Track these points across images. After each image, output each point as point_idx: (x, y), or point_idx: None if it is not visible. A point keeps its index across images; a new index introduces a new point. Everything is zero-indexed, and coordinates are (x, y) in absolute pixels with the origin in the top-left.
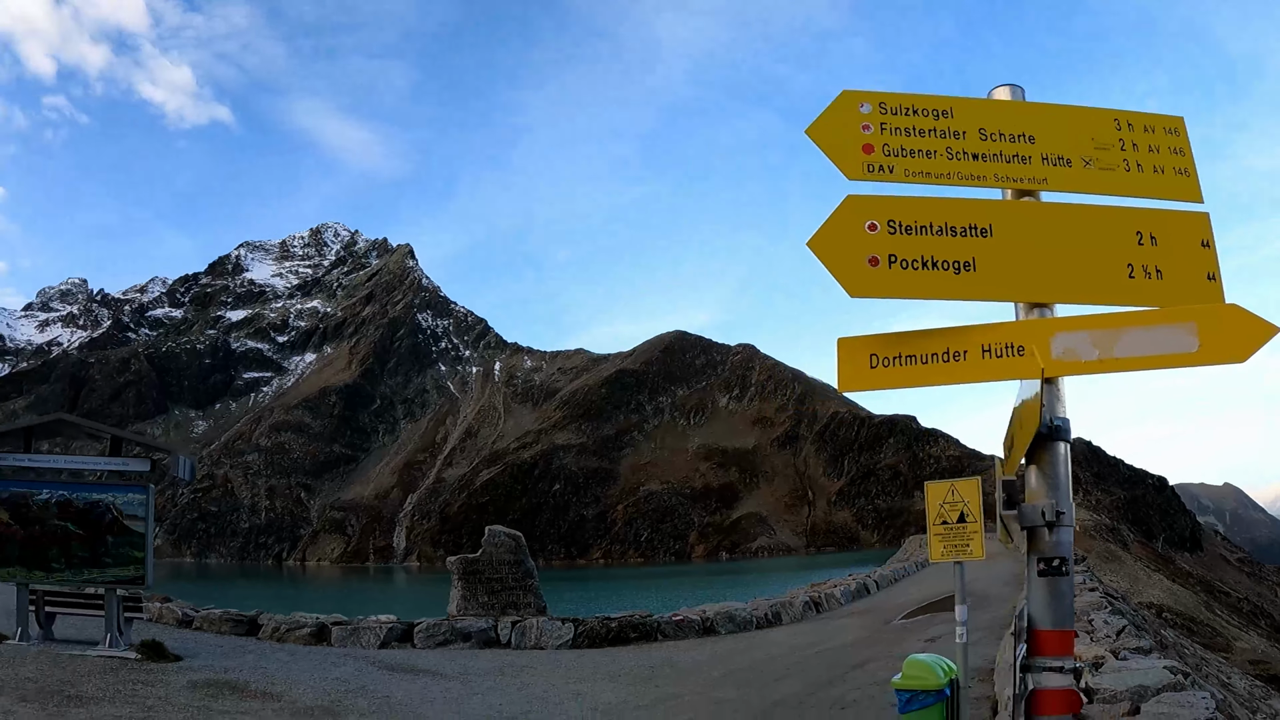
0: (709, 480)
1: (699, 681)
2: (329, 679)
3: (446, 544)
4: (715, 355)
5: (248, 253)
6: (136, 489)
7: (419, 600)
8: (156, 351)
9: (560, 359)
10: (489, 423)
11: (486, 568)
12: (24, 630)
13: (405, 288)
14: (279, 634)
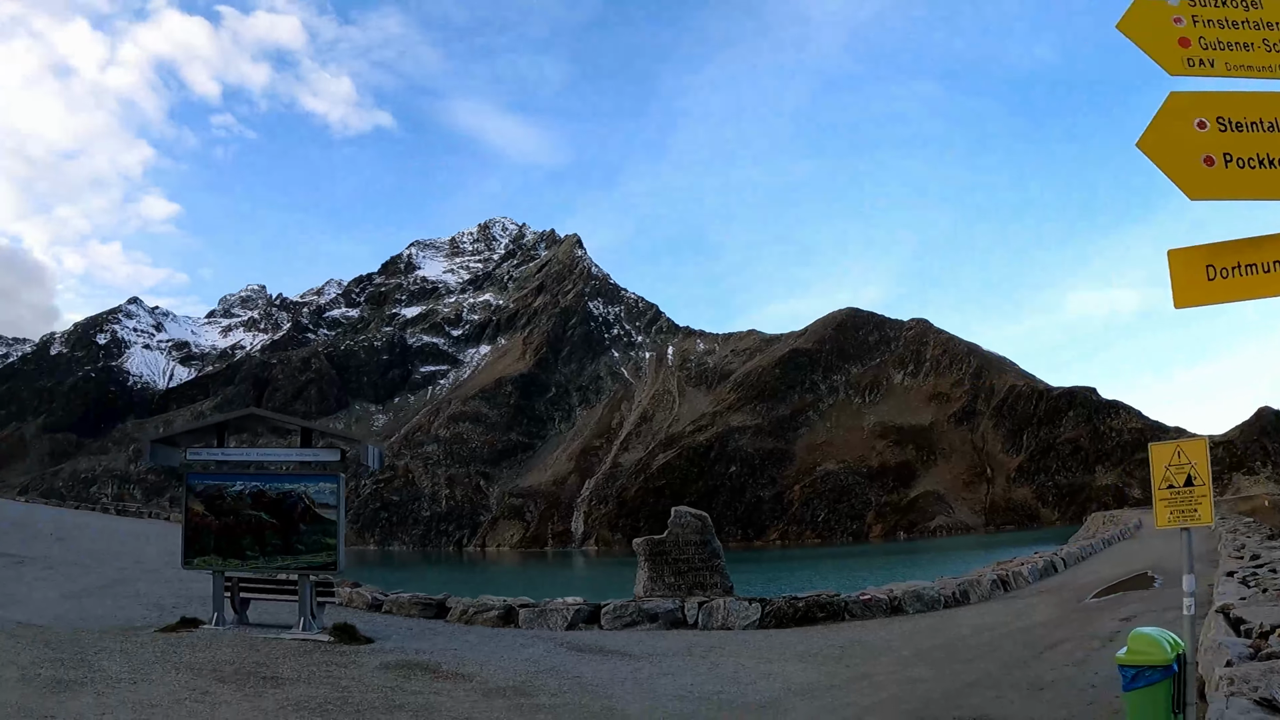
0: (885, 459)
1: (890, 661)
2: (519, 660)
3: (624, 528)
4: (888, 331)
5: (419, 251)
6: (327, 478)
7: (599, 583)
8: (335, 350)
9: (732, 340)
10: (664, 407)
11: (672, 548)
12: (219, 615)
13: (575, 277)
14: (466, 616)
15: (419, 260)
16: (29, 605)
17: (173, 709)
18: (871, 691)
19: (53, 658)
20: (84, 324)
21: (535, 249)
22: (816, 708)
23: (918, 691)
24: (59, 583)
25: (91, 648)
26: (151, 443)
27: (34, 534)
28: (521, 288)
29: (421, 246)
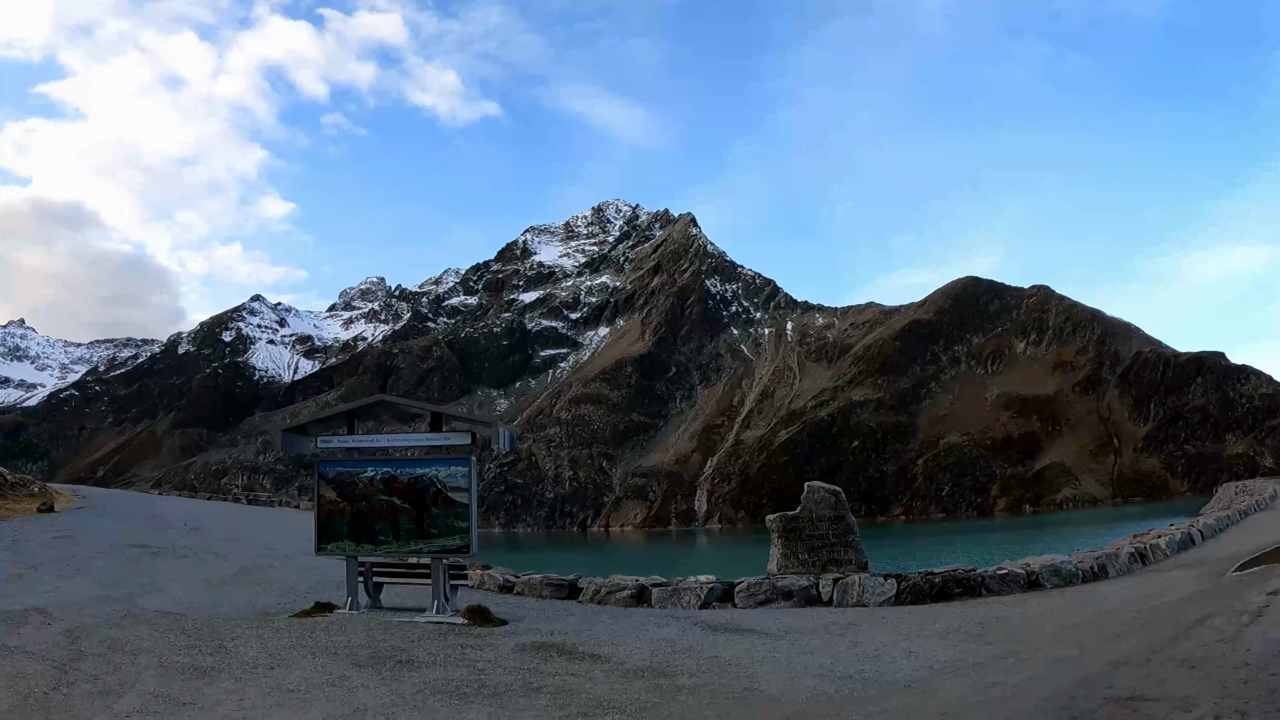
0: (1009, 430)
1: (1033, 638)
2: (654, 640)
3: (747, 505)
4: (1009, 299)
5: (534, 237)
6: (458, 461)
7: (725, 561)
8: (456, 338)
9: (851, 314)
10: (784, 383)
11: (806, 524)
12: (353, 600)
13: (691, 256)
14: (599, 597)
15: (535, 246)
16: (166, 594)
17: (309, 694)
18: (1018, 670)
19: (190, 645)
20: (209, 323)
21: (650, 229)
22: (963, 686)
23: (1065, 670)
24: (194, 571)
25: (228, 634)
26: (283, 432)
27: (168, 525)
28: (638, 268)
29: (536, 232)
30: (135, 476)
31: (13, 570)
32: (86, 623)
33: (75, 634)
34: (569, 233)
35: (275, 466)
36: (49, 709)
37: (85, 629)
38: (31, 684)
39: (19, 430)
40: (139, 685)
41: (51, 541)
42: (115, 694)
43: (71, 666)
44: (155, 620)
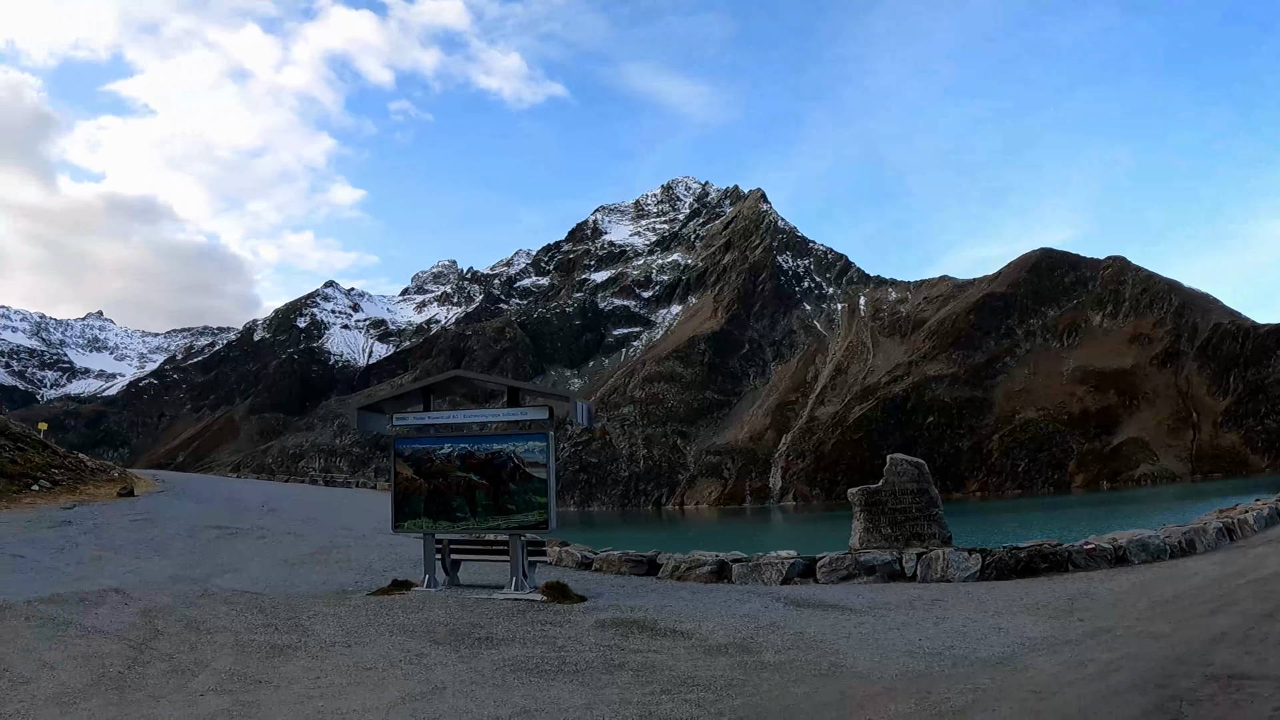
0: (1086, 405)
1: (1125, 614)
2: (736, 616)
3: (821, 482)
4: (1084, 271)
5: (604, 216)
6: (536, 436)
7: (801, 537)
8: (528, 318)
9: (925, 288)
10: (858, 358)
11: (889, 498)
12: (430, 577)
13: (762, 232)
14: (678, 573)
15: (605, 225)
16: (243, 574)
17: (387, 672)
18: (1111, 647)
19: (266, 623)
20: (284, 309)
21: (720, 206)
22: (1057, 664)
23: (1160, 647)
24: (271, 551)
25: (304, 612)
26: (358, 410)
27: (245, 507)
28: (709, 246)
29: (606, 211)
30: (214, 461)
31: (93, 552)
32: (163, 602)
33: (152, 613)
34: (639, 211)
35: (352, 449)
36: (124, 687)
37: (162, 608)
38: (107, 663)
39: (100, 419)
40: (215, 664)
41: (130, 524)
42: (190, 672)
43: (147, 645)
44: (232, 599)
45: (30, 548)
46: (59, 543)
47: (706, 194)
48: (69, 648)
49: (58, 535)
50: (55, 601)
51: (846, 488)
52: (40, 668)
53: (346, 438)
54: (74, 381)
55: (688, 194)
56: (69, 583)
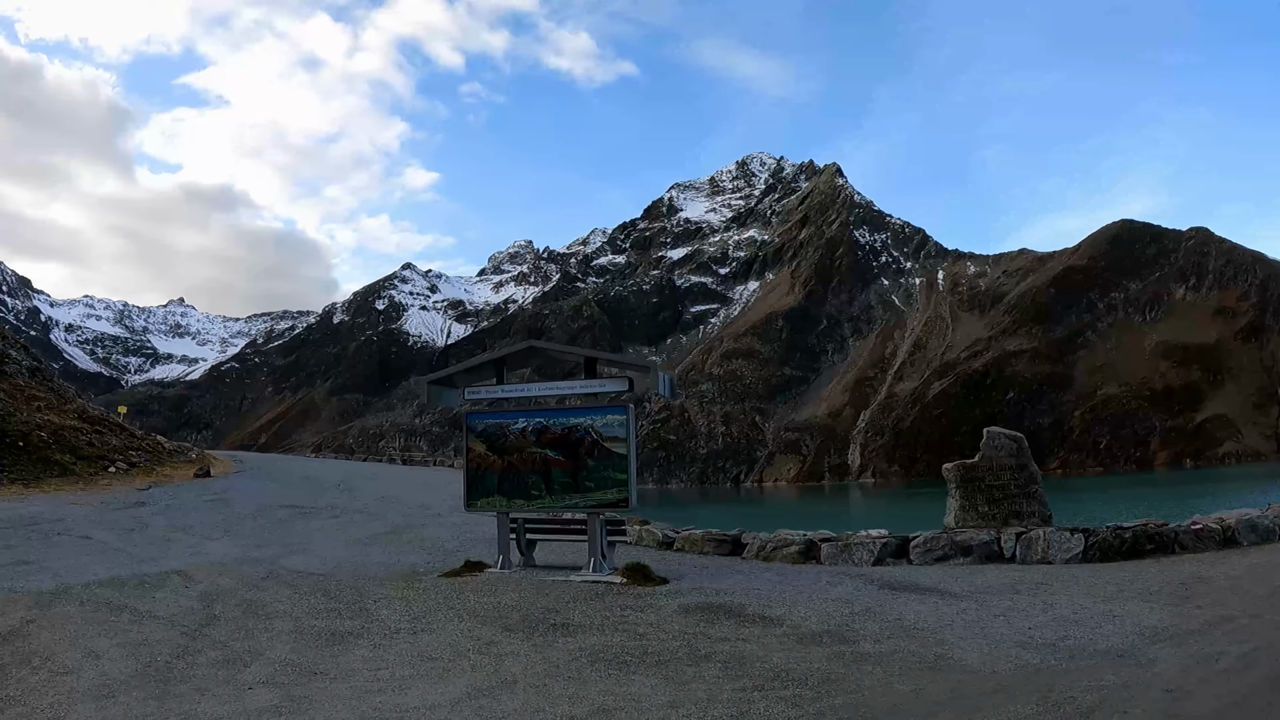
0: (1169, 380)
1: (1245, 602)
2: (829, 600)
3: (900, 459)
4: (1166, 243)
5: (679, 193)
6: (615, 409)
7: (884, 514)
8: (605, 296)
9: (1004, 261)
10: (937, 333)
11: (986, 474)
12: (504, 558)
13: (838, 206)
14: (764, 553)
15: (680, 202)
16: (311, 554)
17: (454, 663)
18: (1240, 638)
19: (329, 607)
20: (362, 292)
21: (795, 181)
22: (1184, 658)
23: None
24: (343, 531)
25: (370, 595)
26: (429, 384)
27: (321, 487)
28: (785, 221)
29: (681, 188)
30: (295, 442)
31: (162, 533)
32: (225, 585)
33: (211, 597)
34: (714, 188)
35: (431, 429)
36: (169, 679)
37: (223, 591)
38: (156, 651)
39: (184, 403)
40: (269, 653)
41: (204, 504)
42: (242, 662)
43: (201, 632)
44: (296, 582)
45: (100, 529)
46: (129, 524)
47: (782, 169)
48: (119, 635)
49: (129, 516)
50: (114, 585)
51: (925, 465)
52: (85, 657)
53: (426, 418)
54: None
55: (763, 170)
56: (132, 565)
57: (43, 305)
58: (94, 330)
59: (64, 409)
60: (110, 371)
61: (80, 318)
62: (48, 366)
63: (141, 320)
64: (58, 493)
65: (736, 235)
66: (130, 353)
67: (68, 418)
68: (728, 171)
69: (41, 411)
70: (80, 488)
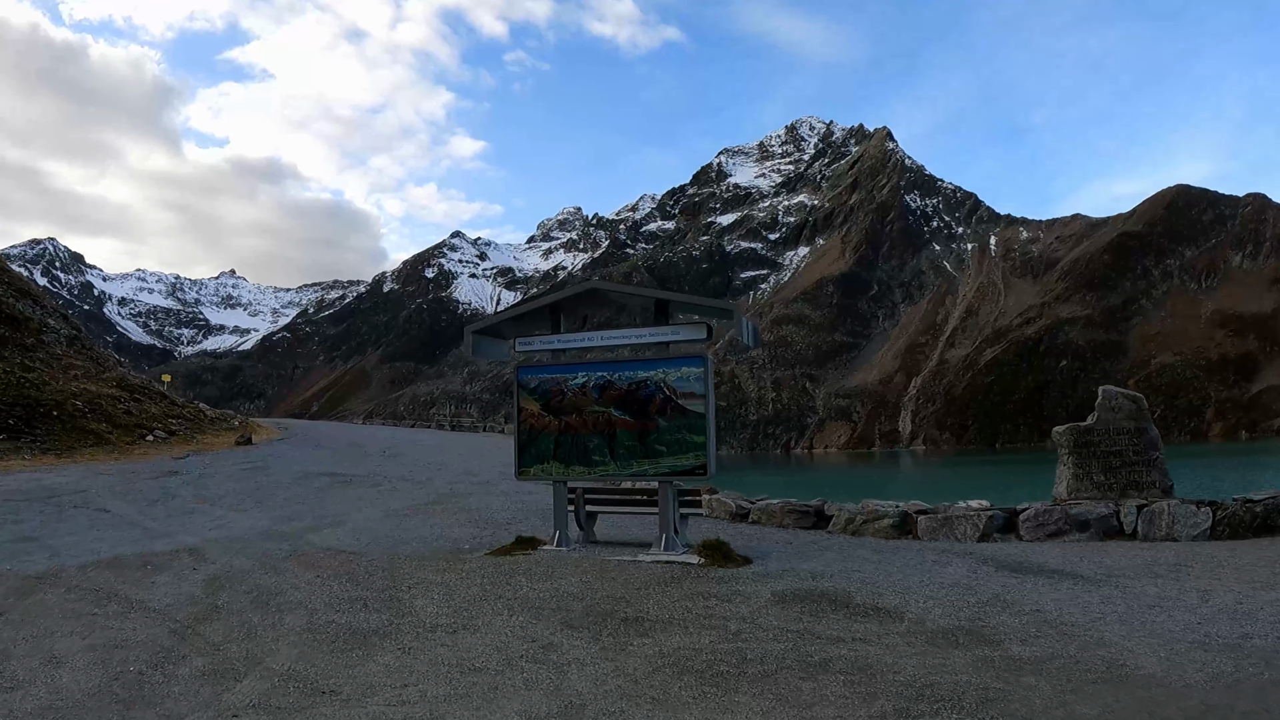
0: (1225, 350)
1: None
2: (943, 585)
3: (951, 426)
4: (1223, 209)
5: (728, 159)
6: (691, 361)
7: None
8: (655, 262)
9: (1057, 226)
10: (989, 300)
11: (1102, 438)
12: (561, 534)
13: (888, 171)
14: (853, 526)
15: (729, 168)
16: (345, 527)
17: (502, 675)
18: None
19: (354, 596)
20: (411, 260)
21: (845, 146)
22: None
23: None
24: (384, 501)
25: (404, 580)
26: (474, 334)
27: (366, 453)
28: (835, 186)
29: (730, 154)
30: (347, 410)
31: (188, 504)
32: (239, 566)
33: (219, 582)
34: (763, 153)
35: (481, 395)
36: (133, 699)
37: (234, 574)
38: (131, 657)
39: (236, 372)
40: (270, 660)
41: (239, 473)
42: (233, 674)
43: (194, 630)
44: (322, 562)
45: (120, 500)
46: (155, 494)
47: (831, 134)
48: (96, 633)
49: (157, 486)
50: (114, 566)
51: (977, 432)
52: (44, 665)
53: (476, 384)
54: (210, 338)
55: (812, 134)
56: (143, 542)
57: (95, 280)
58: (147, 303)
59: (102, 377)
60: (163, 344)
61: (133, 291)
62: (88, 335)
63: (193, 292)
64: (90, 462)
65: (786, 200)
66: (183, 324)
67: (106, 386)
68: (777, 136)
69: (78, 380)
70: (115, 457)
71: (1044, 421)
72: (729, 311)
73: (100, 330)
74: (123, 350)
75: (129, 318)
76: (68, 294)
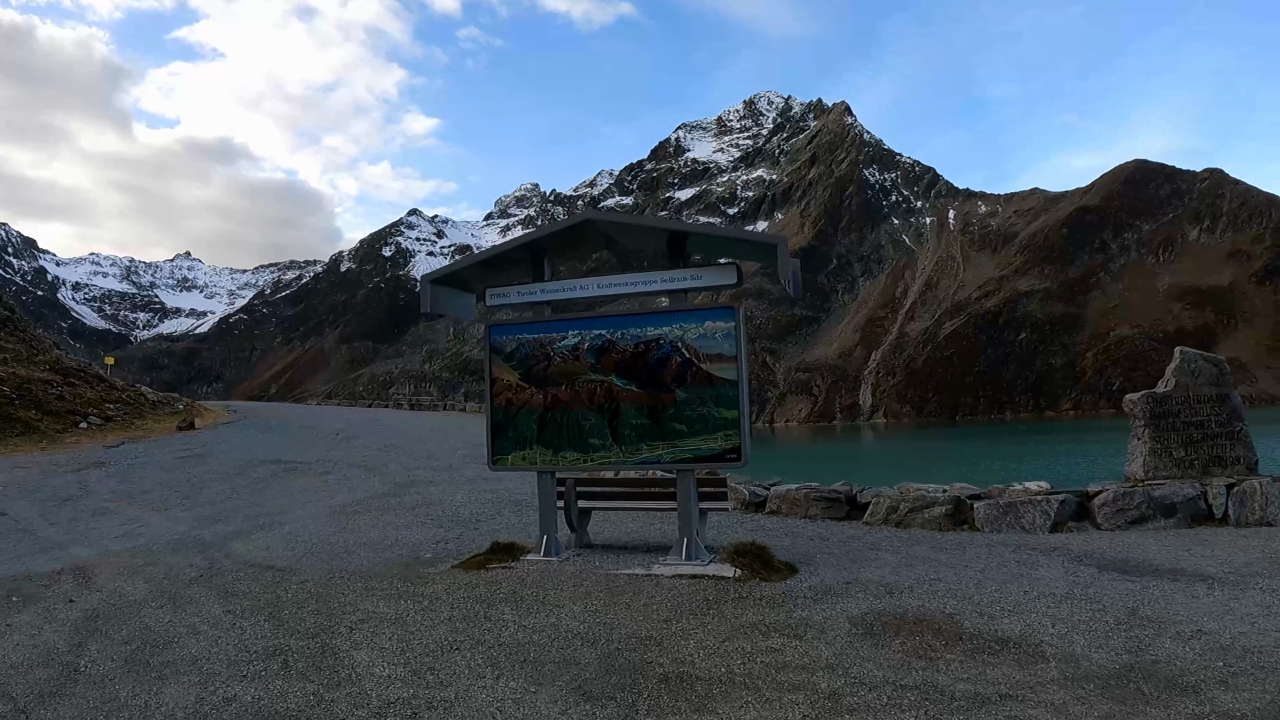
0: (1182, 323)
1: None
2: (1056, 598)
3: (911, 399)
4: (1180, 184)
5: (686, 134)
6: (718, 313)
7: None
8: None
9: (1015, 200)
10: (948, 273)
11: (1181, 407)
12: (550, 539)
13: (847, 145)
14: (895, 516)
15: (687, 143)
16: (281, 530)
17: None
18: None
19: (273, 647)
20: (368, 239)
21: (804, 120)
22: None
23: None
24: (332, 493)
25: (347, 614)
26: (431, 283)
27: (318, 436)
28: (794, 161)
29: (688, 129)
30: (306, 391)
31: (101, 503)
32: (130, 596)
33: (95, 623)
34: (721, 128)
35: (441, 374)
36: None
37: (120, 609)
38: None
39: (193, 356)
40: None
41: (173, 462)
42: None
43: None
44: (240, 585)
45: (24, 500)
46: (68, 491)
47: (790, 108)
48: None
49: (74, 481)
50: None
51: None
52: None
53: (436, 363)
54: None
55: (770, 109)
56: (27, 558)
57: (49, 265)
58: (101, 287)
59: (34, 360)
60: (119, 328)
61: (87, 276)
62: (24, 317)
63: (148, 275)
64: (13, 454)
65: (745, 175)
66: (138, 308)
67: (37, 369)
68: (735, 111)
69: (8, 364)
70: (42, 447)
71: (1003, 394)
72: (770, 247)
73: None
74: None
75: (83, 302)
76: (20, 280)
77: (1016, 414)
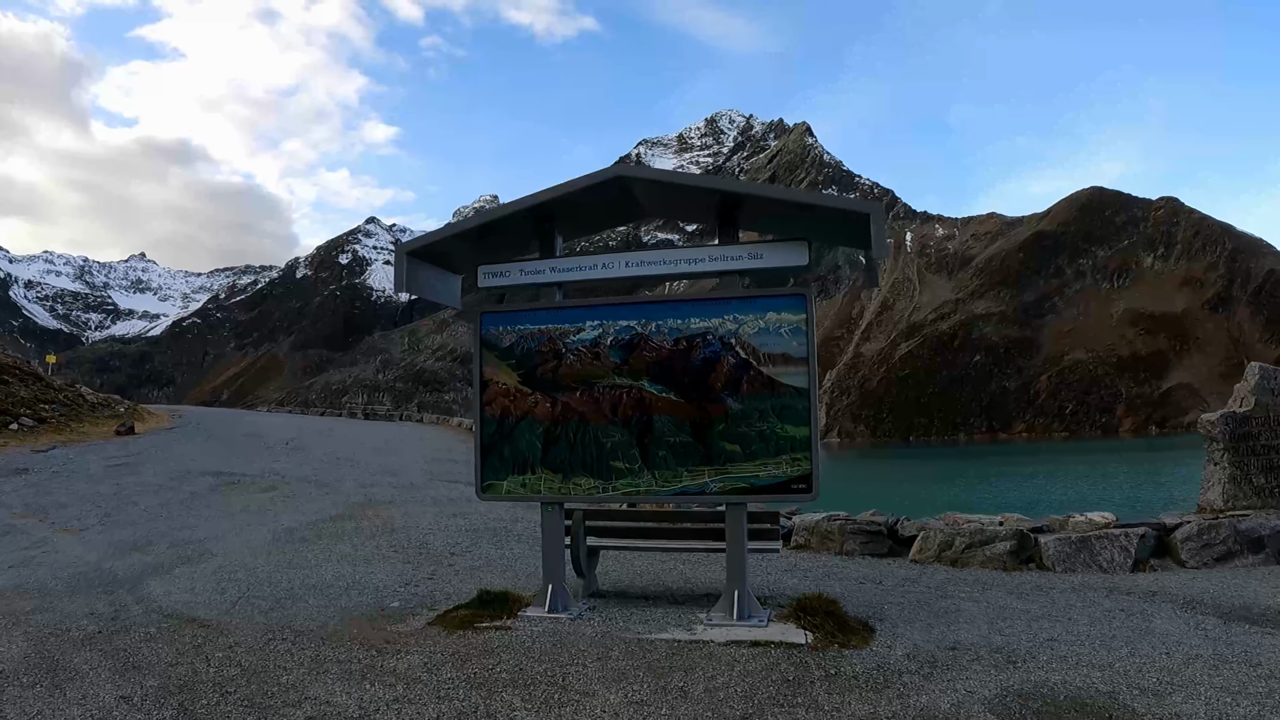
0: (1136, 348)
1: None
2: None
3: (866, 420)
4: (1136, 211)
5: (647, 150)
6: (783, 302)
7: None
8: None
9: (972, 225)
10: (904, 295)
11: (1261, 429)
12: (556, 590)
13: (807, 166)
14: (950, 554)
15: (648, 158)
16: (211, 563)
17: None
18: None
19: None
20: (325, 246)
21: (765, 140)
22: None
23: None
24: (275, 513)
25: (286, 706)
26: (409, 255)
27: (265, 445)
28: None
29: (649, 145)
30: (258, 398)
31: (9, 518)
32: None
33: None
34: (682, 145)
35: (395, 384)
36: None
37: None
38: None
39: (145, 359)
40: None
41: (104, 471)
42: None
43: None
44: (148, 651)
45: None
46: None
47: (751, 127)
48: None
49: None
50: None
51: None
52: None
53: (390, 373)
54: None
55: (731, 127)
56: None
57: (2, 262)
58: (54, 286)
59: None
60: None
61: (40, 274)
62: None
63: (102, 276)
64: None
65: None
66: (91, 309)
67: None
68: (696, 129)
69: None
70: None
71: (957, 415)
72: (863, 215)
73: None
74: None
75: (35, 301)
76: None
77: (970, 435)
